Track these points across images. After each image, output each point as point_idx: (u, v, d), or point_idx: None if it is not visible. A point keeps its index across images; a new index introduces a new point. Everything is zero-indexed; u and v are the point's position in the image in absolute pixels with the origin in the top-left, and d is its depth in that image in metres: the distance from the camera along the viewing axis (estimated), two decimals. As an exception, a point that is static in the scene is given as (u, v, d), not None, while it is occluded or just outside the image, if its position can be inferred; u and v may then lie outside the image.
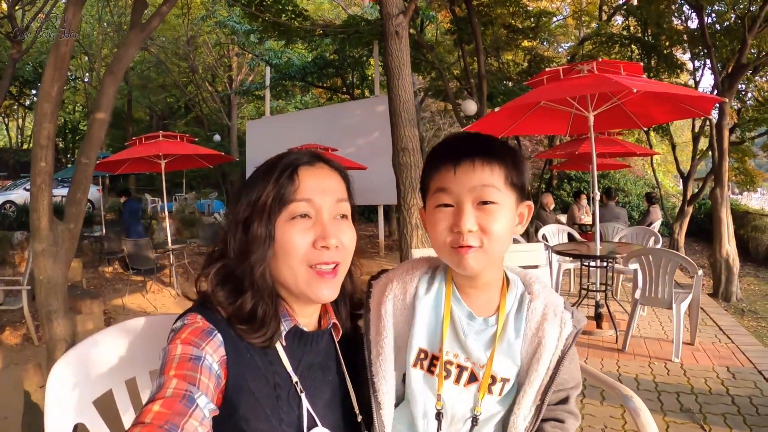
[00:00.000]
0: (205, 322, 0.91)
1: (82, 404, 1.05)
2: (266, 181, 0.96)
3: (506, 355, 0.98)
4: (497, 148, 0.96)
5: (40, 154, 2.02)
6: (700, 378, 3.99)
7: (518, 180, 0.96)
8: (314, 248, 0.93)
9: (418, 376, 1.00)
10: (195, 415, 0.78)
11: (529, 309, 1.00)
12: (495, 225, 0.92)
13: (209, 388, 0.83)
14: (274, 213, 0.93)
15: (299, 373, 0.97)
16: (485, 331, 0.99)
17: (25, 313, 5.55)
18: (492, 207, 0.93)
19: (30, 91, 22.07)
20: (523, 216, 1.00)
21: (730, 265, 7.33)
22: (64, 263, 2.09)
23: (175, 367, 0.82)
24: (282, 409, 0.92)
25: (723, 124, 7.46)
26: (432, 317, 1.02)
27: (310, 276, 0.94)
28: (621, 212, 8.43)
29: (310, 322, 1.04)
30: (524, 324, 0.99)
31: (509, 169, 0.95)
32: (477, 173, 0.93)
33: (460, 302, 1.01)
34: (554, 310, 0.99)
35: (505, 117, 5.31)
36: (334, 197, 0.98)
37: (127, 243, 7.71)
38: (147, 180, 24.41)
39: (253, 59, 18.74)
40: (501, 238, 0.93)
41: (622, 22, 14.30)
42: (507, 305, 1.01)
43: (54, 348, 2.09)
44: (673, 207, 15.78)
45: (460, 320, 0.99)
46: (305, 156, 1.01)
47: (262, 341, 0.92)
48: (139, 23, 2.47)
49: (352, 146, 11.49)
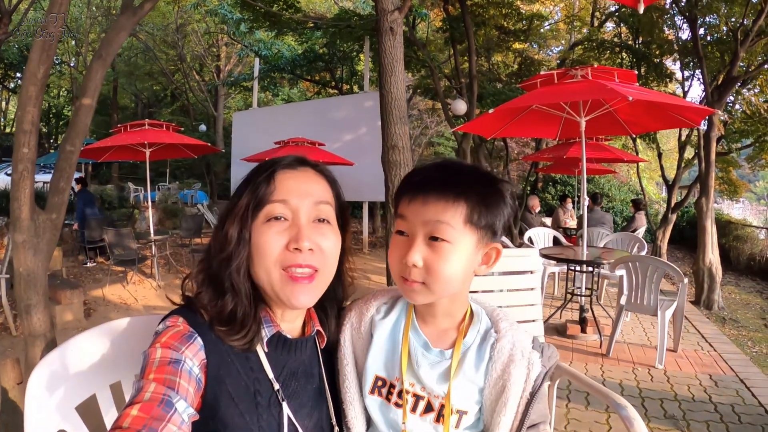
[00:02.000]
0: (186, 325, 0.89)
1: (64, 410, 1.01)
2: (246, 185, 0.96)
3: (464, 390, 0.95)
4: (466, 183, 0.90)
5: (23, 139, 1.94)
6: (684, 385, 4.01)
7: (485, 220, 0.90)
8: (287, 250, 0.91)
9: (374, 403, 1.00)
10: (173, 419, 0.77)
11: (495, 349, 0.96)
12: (441, 265, 0.88)
13: (189, 393, 0.82)
14: (249, 215, 0.93)
15: (281, 381, 0.95)
16: (441, 363, 0.96)
17: (3, 303, 5.42)
18: (442, 245, 0.88)
19: (15, 74, 21.69)
20: (490, 257, 0.95)
21: (713, 273, 7.41)
22: (45, 255, 2.02)
23: (155, 371, 0.81)
24: (262, 416, 0.90)
25: (711, 135, 7.51)
26: (389, 345, 1.01)
27: (284, 279, 0.92)
28: (606, 217, 8.48)
29: (294, 328, 1.02)
30: (488, 365, 0.95)
31: (473, 208, 0.89)
32: (431, 207, 0.89)
33: (417, 331, 0.99)
34: (522, 350, 0.95)
35: (497, 118, 5.30)
36: (314, 199, 0.95)
37: (108, 232, 7.58)
38: (130, 168, 24.19)
39: (243, 49, 18.55)
40: (447, 280, 0.90)
41: (613, 29, 14.40)
42: (468, 340, 0.97)
43: (33, 342, 2.02)
44: (655, 214, 15.96)
45: (415, 350, 0.98)
46: (288, 159, 1.00)
47: (242, 343, 0.91)
48: (131, 6, 2.39)
49: (339, 141, 11.46)
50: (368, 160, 10.11)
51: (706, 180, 7.59)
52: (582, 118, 4.87)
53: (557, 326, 5.29)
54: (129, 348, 1.12)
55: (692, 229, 12.67)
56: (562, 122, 5.69)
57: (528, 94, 4.97)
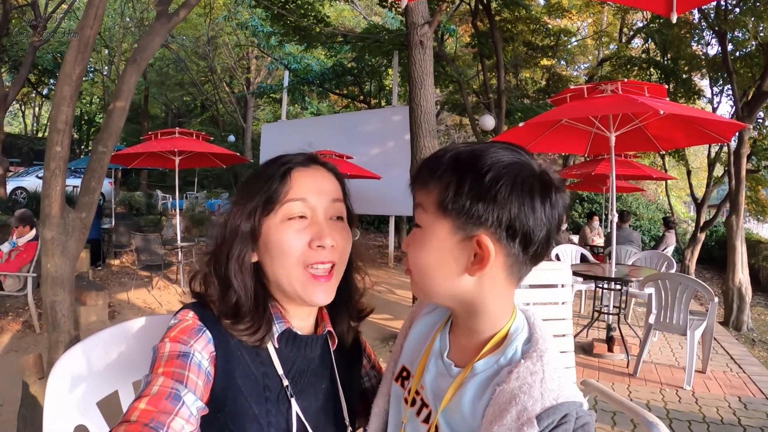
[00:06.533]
0: (196, 320, 0.90)
1: (84, 405, 1.00)
2: (258, 182, 0.95)
3: (456, 421, 0.80)
4: (446, 164, 0.77)
5: (57, 138, 1.97)
6: (712, 407, 3.89)
7: (461, 204, 0.73)
8: (310, 248, 0.91)
9: (396, 392, 0.96)
10: (181, 412, 0.77)
11: (496, 392, 0.75)
12: (413, 251, 0.80)
13: (198, 386, 0.82)
14: (259, 211, 0.92)
15: (290, 378, 0.95)
16: (446, 377, 0.85)
17: (29, 300, 5.51)
18: (416, 231, 0.81)
19: (48, 80, 22.17)
20: (480, 257, 0.75)
21: (743, 294, 7.22)
22: (73, 253, 2.04)
23: (164, 365, 0.82)
24: (271, 411, 0.90)
25: (741, 152, 7.35)
26: (420, 340, 0.96)
27: (305, 278, 0.92)
28: (634, 235, 8.33)
29: (305, 326, 1.01)
30: (486, 408, 0.76)
31: (445, 189, 0.75)
32: (416, 192, 0.83)
33: (444, 336, 0.90)
34: (520, 411, 0.70)
35: (526, 133, 5.26)
36: (330, 197, 0.96)
37: (136, 237, 7.69)
38: (159, 176, 24.53)
39: (272, 62, 18.82)
40: (420, 271, 0.80)
41: (641, 45, 14.28)
42: (479, 366, 0.80)
43: (56, 339, 2.04)
44: (684, 233, 15.67)
45: (432, 353, 0.90)
46: (300, 157, 0.99)
47: (253, 339, 0.91)
48: (165, 13, 2.43)
49: (366, 155, 11.47)
50: (395, 173, 10.12)
51: (736, 198, 7.41)
52: (612, 133, 4.81)
53: (584, 345, 5.19)
54: (152, 346, 1.11)
55: (721, 249, 12.39)
56: (591, 137, 5.63)
57: (558, 108, 4.92)
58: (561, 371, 0.75)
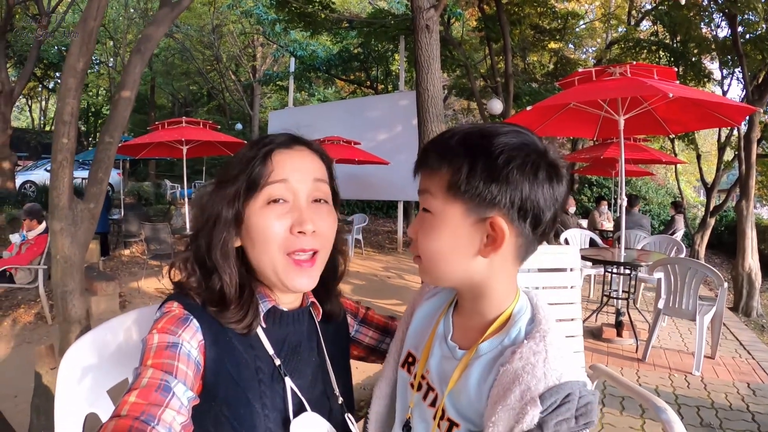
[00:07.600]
0: (182, 309, 0.89)
1: (95, 392, 1.00)
2: (240, 164, 0.93)
3: (462, 402, 0.80)
4: (453, 147, 0.76)
5: (63, 130, 1.97)
6: (721, 393, 3.88)
7: (473, 186, 0.73)
8: (291, 234, 0.90)
9: (402, 377, 0.95)
10: (172, 403, 0.77)
11: (500, 372, 0.75)
12: (423, 238, 0.80)
13: (188, 376, 0.81)
14: (242, 195, 0.90)
15: (282, 356, 0.94)
16: (450, 360, 0.85)
17: (40, 292, 5.56)
18: (425, 217, 0.80)
19: (54, 73, 22.26)
20: (494, 238, 0.75)
21: (752, 279, 7.18)
22: (82, 243, 2.05)
23: (153, 357, 0.81)
24: (265, 393, 0.89)
25: (752, 136, 7.27)
26: (425, 324, 0.95)
27: (287, 264, 0.91)
28: (644, 220, 8.27)
29: (290, 303, 1.01)
30: (491, 389, 0.75)
31: (456, 172, 0.74)
32: (421, 178, 0.82)
33: (448, 319, 0.90)
34: (524, 390, 0.70)
35: (534, 117, 5.23)
36: (311, 176, 0.94)
37: (145, 227, 7.72)
38: (167, 166, 24.62)
39: (278, 50, 18.75)
40: (431, 257, 0.80)
41: (649, 28, 14.10)
42: (484, 347, 0.80)
43: (68, 329, 2.05)
44: (693, 218, 15.57)
45: (436, 336, 0.90)
46: (282, 137, 0.98)
47: (240, 327, 0.90)
48: (169, 2, 2.42)
49: (374, 141, 11.47)
50: (403, 159, 10.10)
51: (746, 183, 7.35)
52: (621, 116, 4.76)
53: (593, 329, 5.18)
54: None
55: (731, 234, 12.30)
56: (600, 121, 5.58)
57: (566, 92, 4.88)
58: (564, 351, 0.75)
